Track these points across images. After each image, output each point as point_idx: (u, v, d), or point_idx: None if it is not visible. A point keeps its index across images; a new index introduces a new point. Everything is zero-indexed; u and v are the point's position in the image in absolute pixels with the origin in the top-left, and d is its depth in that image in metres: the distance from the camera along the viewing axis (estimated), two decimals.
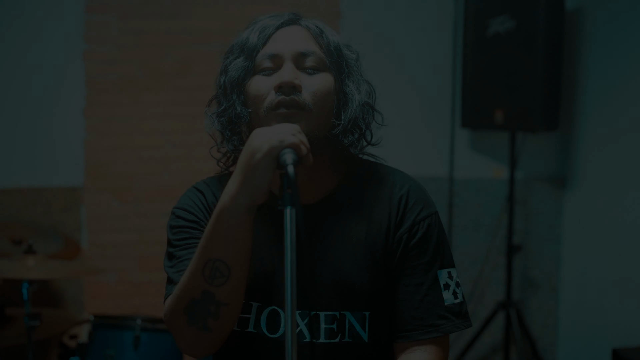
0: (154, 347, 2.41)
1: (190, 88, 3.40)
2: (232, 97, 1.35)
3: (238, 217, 1.15)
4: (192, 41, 3.39)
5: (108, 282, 3.41)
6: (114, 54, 3.37)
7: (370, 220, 1.35)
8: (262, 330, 1.33)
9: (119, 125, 3.39)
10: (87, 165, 3.37)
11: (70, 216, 3.37)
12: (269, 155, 1.11)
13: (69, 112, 3.36)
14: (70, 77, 3.34)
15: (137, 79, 3.39)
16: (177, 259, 1.32)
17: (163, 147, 3.43)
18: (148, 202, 3.43)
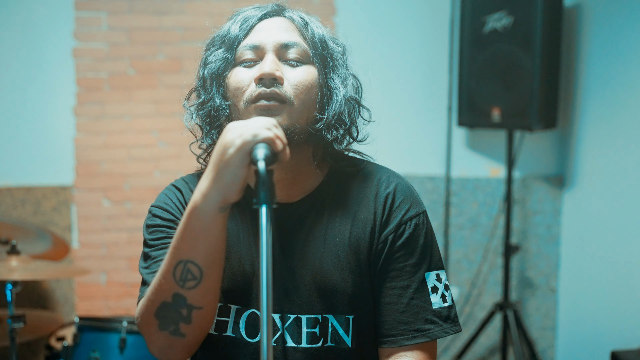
0: (140, 350, 2.36)
1: (182, 85, 3.33)
2: (211, 90, 1.30)
3: (210, 216, 1.09)
4: (184, 38, 3.34)
5: (99, 282, 3.35)
6: (105, 51, 3.32)
7: (354, 220, 1.29)
8: (241, 334, 1.28)
9: (110, 123, 3.34)
10: (78, 163, 3.32)
11: (61, 215, 3.32)
12: (241, 150, 1.05)
13: (59, 110, 3.31)
14: (60, 75, 3.29)
15: (128, 76, 3.34)
16: (151, 260, 1.26)
17: (154, 146, 3.38)
18: (139, 202, 3.38)
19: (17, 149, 3.30)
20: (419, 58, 3.50)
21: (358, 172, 1.35)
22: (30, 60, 3.27)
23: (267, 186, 0.99)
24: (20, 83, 3.27)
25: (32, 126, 3.30)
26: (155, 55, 3.35)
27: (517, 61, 3.15)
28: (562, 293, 3.54)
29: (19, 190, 3.29)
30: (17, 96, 3.27)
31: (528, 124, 3.16)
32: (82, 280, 3.33)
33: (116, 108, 3.34)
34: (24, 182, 3.29)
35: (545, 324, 3.57)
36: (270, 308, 0.97)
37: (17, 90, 3.27)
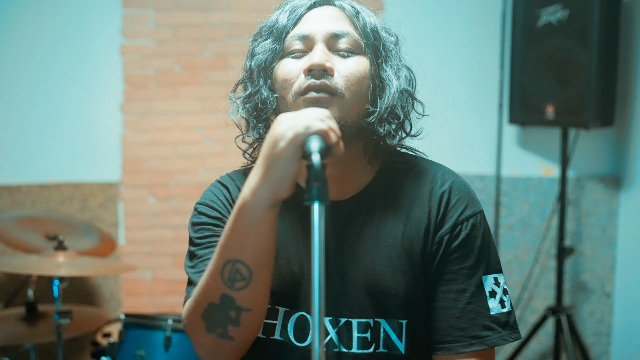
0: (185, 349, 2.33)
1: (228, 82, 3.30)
2: (258, 82, 1.25)
3: (260, 213, 1.04)
4: (230, 34, 3.32)
5: (144, 279, 3.36)
6: (151, 48, 3.32)
7: (407, 219, 1.23)
8: (289, 338, 1.22)
9: (156, 120, 3.34)
10: (125, 160, 3.33)
11: (107, 212, 3.34)
12: (293, 143, 0.99)
13: (107, 107, 3.32)
14: (107, 72, 3.31)
15: (174, 73, 3.34)
16: (198, 259, 1.22)
17: (200, 143, 3.37)
18: (184, 199, 3.37)
19: (65, 145, 3.32)
20: (469, 53, 3.40)
21: (411, 168, 1.28)
22: (78, 58, 3.29)
23: (321, 181, 0.93)
24: (69, 80, 3.30)
25: (80, 123, 3.32)
26: (201, 52, 3.34)
27: (573, 56, 3.03)
28: (617, 297, 3.39)
29: (67, 186, 3.32)
30: (66, 93, 3.30)
31: (584, 121, 3.04)
32: (128, 277, 3.34)
33: (162, 105, 3.34)
34: (72, 178, 3.32)
35: (599, 330, 3.43)
36: (323, 311, 0.91)
37: (65, 88, 3.30)
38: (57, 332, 2.32)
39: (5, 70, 3.26)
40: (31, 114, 3.29)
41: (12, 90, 3.27)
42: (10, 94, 3.27)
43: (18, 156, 3.30)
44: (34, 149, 3.31)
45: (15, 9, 3.25)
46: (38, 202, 3.30)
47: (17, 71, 3.27)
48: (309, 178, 0.96)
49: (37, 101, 3.29)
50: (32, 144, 3.30)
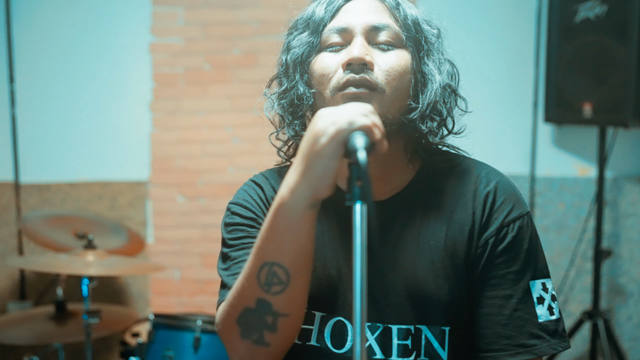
0: (214, 350, 2.29)
1: (257, 80, 3.25)
2: (294, 77, 1.20)
3: (298, 213, 0.99)
4: (259, 32, 3.28)
5: (172, 279, 3.34)
6: (180, 46, 3.30)
7: (450, 221, 1.17)
8: (326, 344, 1.17)
9: (185, 118, 3.32)
10: (153, 159, 3.32)
11: (136, 211, 3.33)
12: (335, 139, 0.94)
13: (136, 106, 3.31)
14: (137, 71, 3.29)
15: (203, 71, 3.31)
16: (231, 261, 1.17)
17: (228, 142, 3.34)
18: (213, 198, 3.34)
19: (94, 144, 3.32)
20: (503, 50, 3.32)
21: (453, 167, 1.22)
22: (108, 56, 3.28)
23: (364, 180, 0.88)
24: (98, 79, 3.29)
25: (109, 122, 3.31)
26: (230, 50, 3.31)
27: (611, 52, 2.94)
28: None
29: (96, 185, 3.31)
30: (96, 92, 3.29)
31: (622, 120, 2.95)
32: (156, 276, 3.33)
33: (191, 103, 3.32)
34: (101, 177, 3.31)
35: (637, 334, 3.33)
36: (365, 317, 0.86)
37: (95, 87, 3.29)
38: (86, 331, 2.30)
39: (35, 68, 3.26)
40: (60, 112, 3.29)
41: (42, 89, 3.28)
42: (40, 92, 3.28)
43: (47, 155, 3.30)
44: (63, 148, 3.31)
45: (46, 8, 3.25)
46: (67, 200, 3.29)
47: (47, 69, 3.27)
48: (350, 177, 0.91)
49: (67, 100, 3.29)
50: (61, 142, 3.30)
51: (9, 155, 3.26)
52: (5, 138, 3.25)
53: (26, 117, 3.27)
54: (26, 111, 3.27)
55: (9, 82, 3.22)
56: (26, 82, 3.25)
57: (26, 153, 3.28)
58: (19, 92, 3.25)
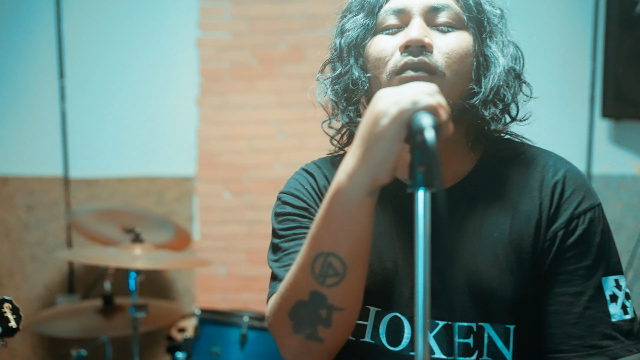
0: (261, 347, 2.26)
1: (304, 75, 3.25)
2: (349, 61, 1.15)
3: (356, 200, 0.92)
4: (306, 26, 3.24)
5: (218, 275, 3.32)
6: (227, 41, 3.28)
7: (515, 212, 1.09)
8: (381, 341, 1.11)
9: (231, 114, 3.30)
10: (200, 154, 3.30)
11: (182, 206, 3.32)
12: (397, 120, 0.88)
13: (183, 101, 3.30)
14: (184, 66, 3.29)
15: (249, 66, 3.29)
16: (282, 252, 1.12)
17: (275, 137, 3.31)
18: (259, 194, 3.31)
19: (141, 139, 3.32)
20: (558, 42, 3.20)
21: (518, 156, 1.15)
22: (156, 52, 3.29)
23: (433, 161, 0.81)
24: (145, 75, 3.29)
25: (156, 117, 3.32)
26: (276, 44, 3.27)
27: None
28: None
29: (143, 180, 3.32)
30: (143, 88, 3.30)
31: None
32: (202, 272, 3.31)
33: (238, 98, 3.30)
34: (148, 172, 3.32)
35: None
36: (428, 313, 0.80)
37: (142, 82, 3.30)
38: (133, 325, 2.29)
39: (83, 64, 3.28)
40: (108, 108, 3.31)
41: (91, 84, 3.30)
42: (89, 87, 3.30)
43: (96, 150, 3.33)
44: (111, 143, 3.32)
45: (96, 3, 3.27)
46: (115, 195, 3.31)
47: (94, 65, 3.29)
48: (412, 162, 0.84)
49: (114, 95, 3.30)
50: (109, 137, 3.32)
51: (58, 151, 3.29)
52: (55, 133, 3.29)
53: (76, 113, 3.30)
54: (76, 106, 3.30)
55: (59, 77, 3.25)
56: (76, 78, 3.28)
57: (75, 148, 3.30)
58: (69, 87, 3.28)
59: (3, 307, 1.55)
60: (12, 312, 1.55)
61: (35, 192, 3.33)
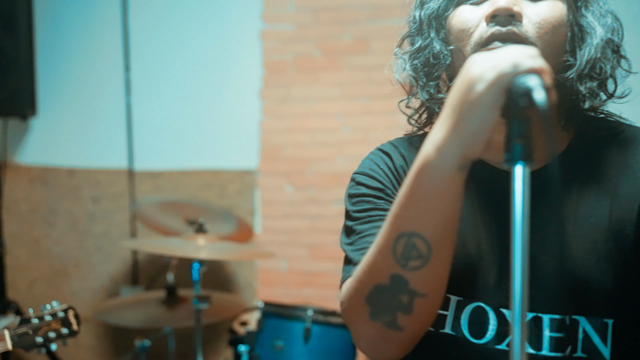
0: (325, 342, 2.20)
1: (368, 67, 3.18)
2: (429, 34, 1.07)
3: (445, 175, 0.84)
4: (371, 17, 3.16)
5: (280, 269, 3.29)
6: (291, 32, 3.24)
7: (615, 195, 1.00)
8: (462, 333, 1.03)
9: (294, 106, 3.26)
10: (262, 147, 3.28)
11: (244, 199, 3.30)
12: (495, 85, 0.79)
13: (246, 94, 3.28)
14: (247, 58, 3.26)
15: (313, 58, 3.24)
16: (357, 235, 1.05)
17: (338, 130, 3.25)
18: (321, 188, 3.26)
19: (205, 132, 3.32)
20: None
21: (616, 135, 1.05)
22: (219, 44, 3.28)
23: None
24: (209, 67, 3.29)
25: (220, 110, 3.31)
26: (340, 35, 3.21)
27: None
28: None
29: (206, 173, 3.31)
30: (207, 80, 3.30)
31: None
32: (263, 266, 3.29)
33: (301, 91, 3.25)
34: (211, 165, 3.31)
35: None
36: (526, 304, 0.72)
37: (206, 74, 3.29)
38: (196, 317, 2.27)
39: (148, 57, 3.30)
40: (172, 101, 3.32)
41: (156, 77, 3.32)
42: (154, 80, 3.32)
43: (159, 143, 3.34)
44: (175, 136, 3.33)
45: None
46: (178, 188, 3.32)
47: (159, 58, 3.31)
48: (509, 134, 0.76)
49: (179, 88, 3.31)
50: (173, 130, 3.33)
51: (124, 143, 3.32)
52: (120, 126, 3.32)
53: (141, 105, 3.32)
54: (141, 99, 3.32)
55: (124, 70, 3.28)
56: (141, 71, 3.30)
57: (140, 141, 3.33)
58: (134, 80, 3.30)
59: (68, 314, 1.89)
60: (75, 317, 1.86)
61: (101, 184, 3.37)
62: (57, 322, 1.82)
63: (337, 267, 3.32)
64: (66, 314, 1.85)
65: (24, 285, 3.39)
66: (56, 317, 1.83)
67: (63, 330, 1.83)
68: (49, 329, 1.81)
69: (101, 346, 3.38)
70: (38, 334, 1.79)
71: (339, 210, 3.25)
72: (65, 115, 3.36)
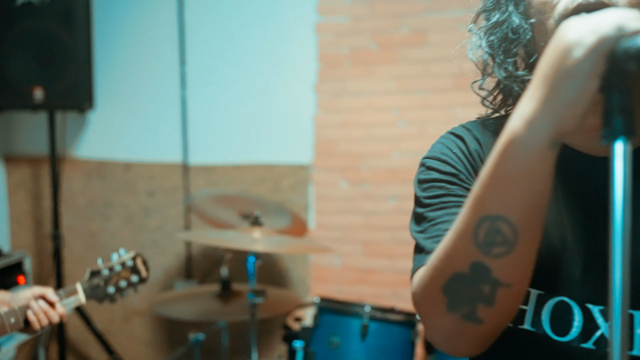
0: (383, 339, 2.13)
1: (426, 60, 3.10)
2: (507, 7, 1.00)
3: (535, 152, 0.76)
4: (429, 8, 3.08)
5: (333, 266, 3.24)
6: (347, 25, 3.18)
7: None
8: (543, 330, 0.96)
9: (349, 100, 3.20)
10: (317, 142, 3.23)
11: (298, 195, 3.26)
12: (596, 50, 0.71)
13: (300, 88, 3.24)
14: (302, 51, 3.22)
15: (369, 51, 3.17)
16: (428, 222, 0.99)
17: (394, 125, 3.17)
18: (376, 184, 3.20)
19: (259, 126, 3.29)
20: None
21: None
22: (275, 37, 3.25)
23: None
24: (264, 61, 3.26)
25: (274, 104, 3.28)
26: (397, 28, 3.14)
27: None
28: None
29: (259, 168, 3.29)
30: (261, 74, 3.27)
31: None
32: (317, 263, 3.24)
33: (356, 85, 3.20)
34: (264, 160, 3.28)
35: None
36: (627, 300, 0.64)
37: (261, 68, 3.26)
38: (251, 311, 2.24)
39: (204, 51, 3.30)
40: (227, 95, 3.31)
41: (209, 71, 3.31)
42: (209, 74, 3.31)
43: (213, 137, 3.33)
44: (228, 130, 3.32)
45: None
46: (232, 183, 3.30)
47: (214, 52, 3.30)
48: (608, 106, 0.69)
49: (233, 82, 3.29)
50: (226, 125, 3.32)
51: (178, 137, 3.32)
52: (175, 120, 3.32)
53: (196, 100, 3.32)
54: (196, 93, 3.32)
55: (180, 64, 3.28)
56: (196, 65, 3.30)
57: (195, 135, 3.33)
58: (190, 74, 3.30)
59: (136, 261, 1.88)
60: (143, 264, 1.88)
61: (156, 178, 3.38)
62: (127, 271, 1.84)
63: (391, 265, 3.26)
64: (134, 262, 1.86)
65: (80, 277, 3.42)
66: (125, 265, 1.84)
67: (133, 278, 1.84)
68: (120, 278, 1.83)
69: (155, 339, 3.39)
70: (109, 284, 1.81)
71: (394, 207, 3.18)
72: (122, 109, 3.38)
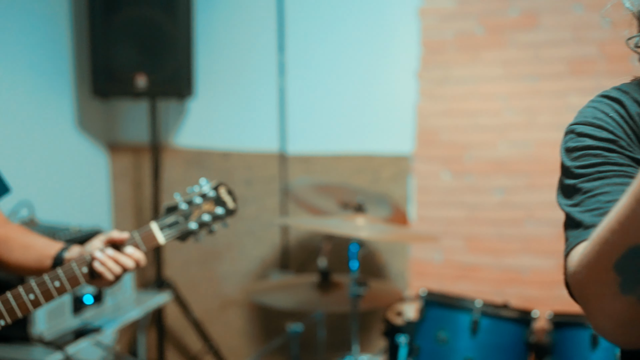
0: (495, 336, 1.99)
1: (537, 44, 2.91)
2: None
3: None
4: None
5: (434, 261, 3.10)
6: (452, 9, 3.04)
7: None
8: None
9: (453, 88, 3.05)
10: (418, 131, 3.10)
11: (397, 186, 3.15)
12: None
13: (402, 75, 3.12)
14: (404, 37, 3.10)
15: (475, 36, 3.01)
16: (583, 194, 0.85)
17: (501, 113, 3.00)
18: (481, 176, 3.03)
19: (358, 115, 3.20)
20: None
21: None
22: (375, 23, 3.14)
23: None
24: (364, 47, 3.16)
25: (373, 92, 3.17)
26: (506, 10, 2.97)
27: None
28: None
29: (358, 158, 3.20)
30: (361, 61, 3.17)
31: None
32: (417, 256, 3.11)
33: (460, 71, 3.04)
34: (364, 150, 3.19)
35: None
36: None
37: (361, 55, 3.17)
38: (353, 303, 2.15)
39: (302, 38, 3.23)
40: (325, 83, 3.23)
41: (308, 59, 3.24)
42: (306, 62, 3.24)
43: (312, 126, 3.27)
44: (327, 119, 3.24)
45: None
46: (330, 173, 3.23)
47: (313, 39, 3.22)
48: None
49: (332, 70, 3.22)
50: (325, 114, 3.24)
51: (276, 126, 3.28)
52: (273, 109, 3.28)
53: (294, 88, 3.26)
54: (294, 81, 3.26)
55: (278, 52, 3.23)
56: (295, 52, 3.24)
57: (293, 124, 3.27)
58: (288, 62, 3.24)
59: (219, 191, 1.62)
60: (229, 193, 1.63)
61: (253, 167, 3.35)
62: (210, 203, 1.59)
63: (496, 262, 3.09)
64: (217, 192, 1.61)
65: (178, 265, 3.45)
66: (207, 197, 1.60)
67: (218, 211, 1.59)
68: (202, 212, 1.58)
69: (252, 329, 3.36)
70: (190, 219, 1.57)
71: (499, 200, 3.01)
72: (220, 97, 3.37)
